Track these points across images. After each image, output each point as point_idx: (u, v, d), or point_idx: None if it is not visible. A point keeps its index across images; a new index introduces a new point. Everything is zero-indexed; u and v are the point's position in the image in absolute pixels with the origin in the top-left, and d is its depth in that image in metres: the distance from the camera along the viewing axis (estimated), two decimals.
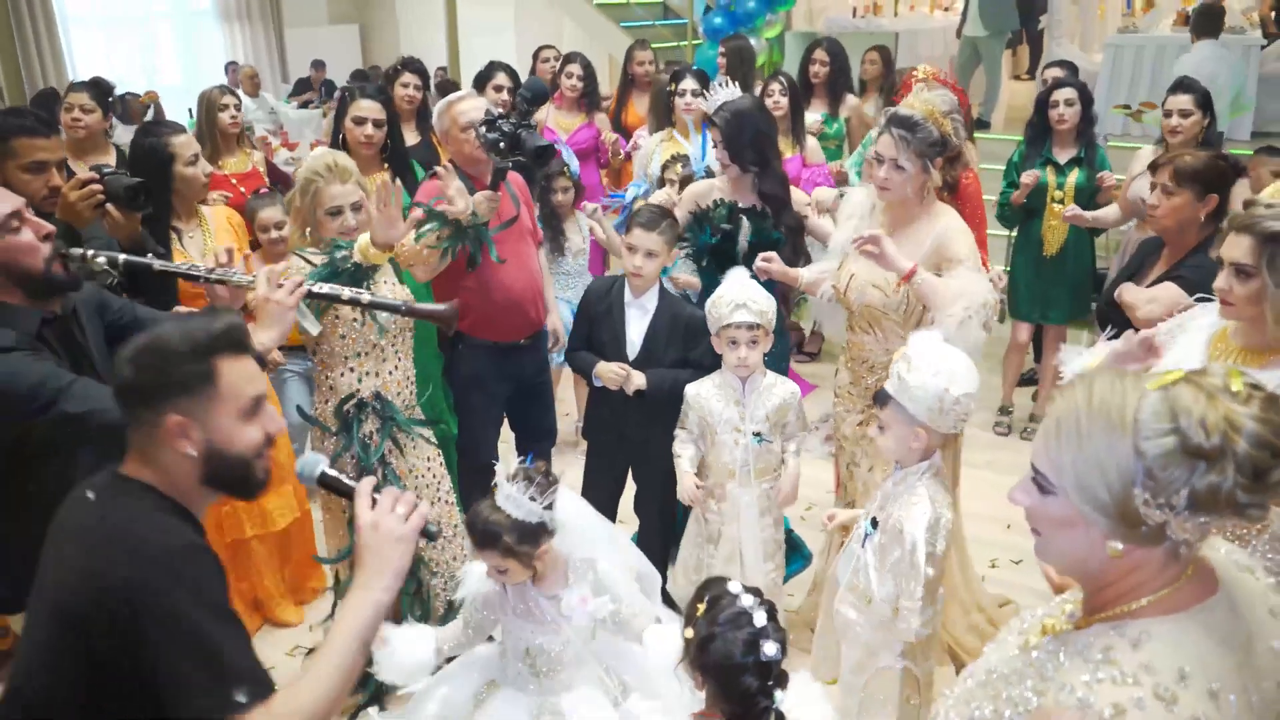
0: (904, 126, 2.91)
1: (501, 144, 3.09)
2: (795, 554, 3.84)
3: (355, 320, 2.91)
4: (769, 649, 1.86)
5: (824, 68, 5.76)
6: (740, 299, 3.02)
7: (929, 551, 2.44)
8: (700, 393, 3.18)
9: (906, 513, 2.49)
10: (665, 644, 2.19)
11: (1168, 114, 4.25)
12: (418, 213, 3.01)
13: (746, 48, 6.12)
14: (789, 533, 3.84)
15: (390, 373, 3.03)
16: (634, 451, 3.47)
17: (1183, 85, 4.29)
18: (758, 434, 3.11)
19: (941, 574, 2.55)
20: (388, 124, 3.88)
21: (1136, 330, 2.56)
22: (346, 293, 2.60)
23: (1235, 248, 2.20)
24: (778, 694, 1.87)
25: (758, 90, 5.74)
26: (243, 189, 4.56)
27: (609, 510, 3.51)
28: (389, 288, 3.08)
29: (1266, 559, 2.17)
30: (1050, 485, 1.23)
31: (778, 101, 5.08)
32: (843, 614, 2.67)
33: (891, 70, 6.54)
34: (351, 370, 2.97)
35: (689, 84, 4.92)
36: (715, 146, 3.59)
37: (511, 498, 2.31)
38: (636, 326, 3.34)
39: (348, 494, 1.76)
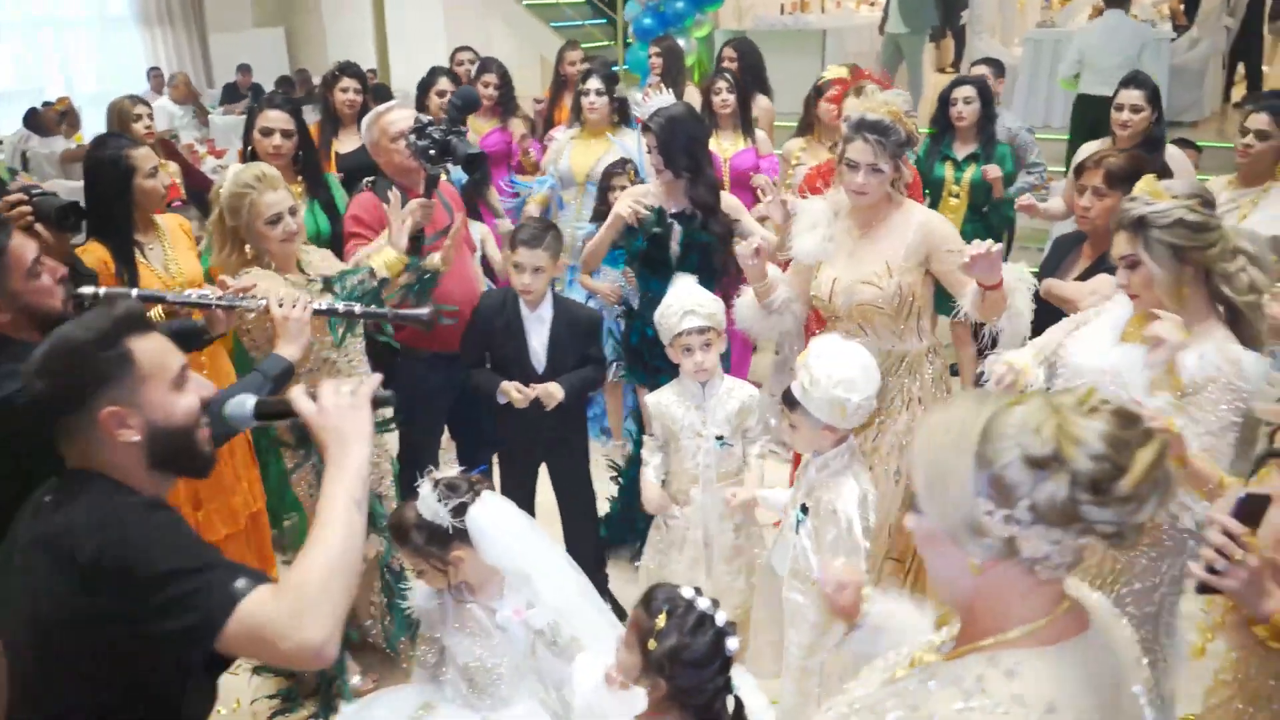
0: (877, 131, 2.93)
1: (431, 151, 3.11)
2: None
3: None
4: (732, 644, 1.95)
5: (732, 64, 5.76)
6: (687, 305, 3.06)
7: (864, 526, 2.60)
8: (661, 400, 3.21)
9: (836, 494, 2.62)
10: (592, 673, 2.23)
11: (1119, 108, 4.23)
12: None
13: (677, 47, 6.16)
14: None
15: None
16: (549, 450, 3.50)
17: (1135, 80, 4.29)
18: (720, 437, 3.14)
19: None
20: (298, 134, 3.88)
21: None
22: (341, 306, 2.75)
23: (1118, 244, 2.36)
24: (734, 682, 1.96)
25: (695, 88, 5.82)
26: None
27: (525, 511, 3.56)
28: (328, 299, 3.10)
29: (1128, 609, 2.32)
30: (918, 503, 1.25)
31: (725, 99, 5.09)
32: (791, 600, 2.74)
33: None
34: (305, 383, 2.98)
35: (593, 84, 4.92)
36: (649, 152, 3.64)
37: (425, 499, 2.37)
38: (539, 337, 3.38)
39: (286, 410, 1.74)
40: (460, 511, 2.38)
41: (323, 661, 1.46)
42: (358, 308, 2.75)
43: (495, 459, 3.84)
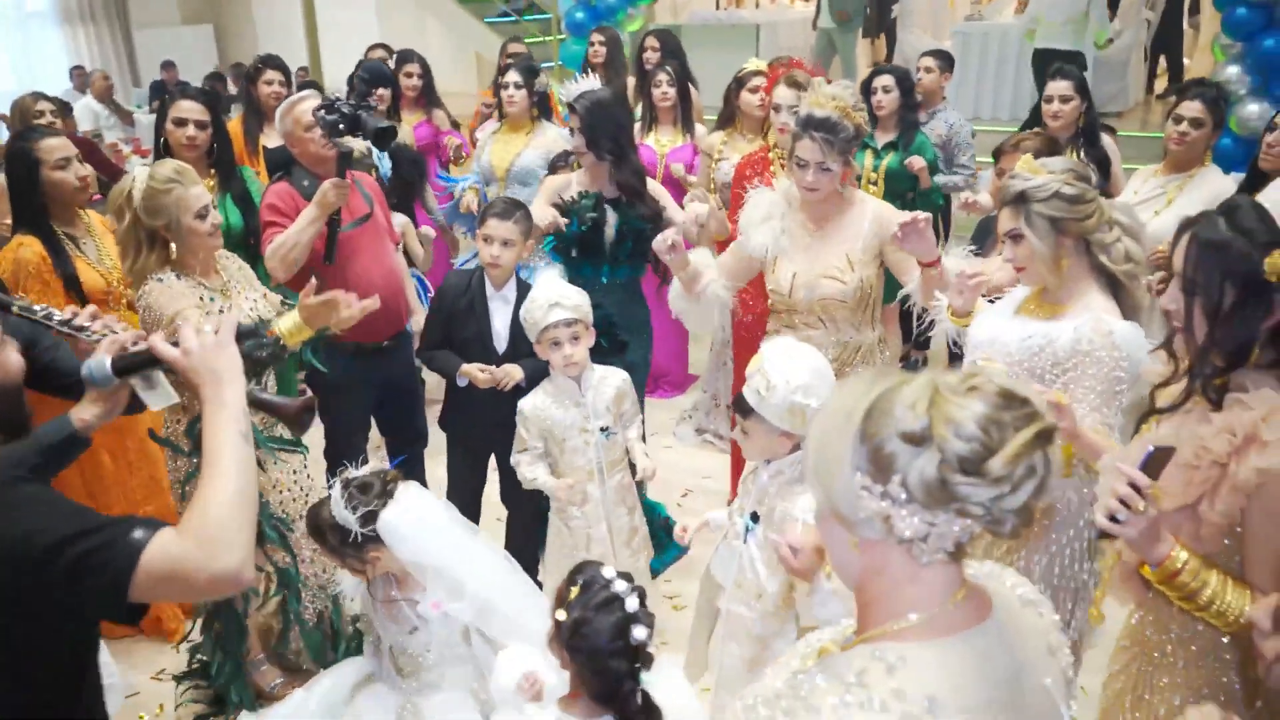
0: (826, 129, 2.91)
1: (341, 125, 3.07)
2: (672, 541, 3.89)
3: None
4: (639, 633, 1.89)
5: (655, 54, 5.76)
6: (552, 298, 2.99)
7: None
8: (536, 404, 3.12)
9: (793, 503, 2.50)
10: (515, 666, 2.20)
11: (1048, 100, 4.31)
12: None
13: (619, 38, 6.13)
14: (666, 519, 3.89)
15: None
16: (501, 438, 3.42)
17: (1062, 72, 4.36)
18: (604, 428, 3.10)
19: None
20: (212, 126, 3.81)
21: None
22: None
23: (1003, 220, 2.44)
24: (643, 675, 1.91)
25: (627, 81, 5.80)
26: None
27: (475, 501, 3.53)
28: (251, 301, 3.01)
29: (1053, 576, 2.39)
30: (810, 481, 1.24)
31: (665, 92, 5.10)
32: (735, 613, 2.65)
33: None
34: None
35: (511, 77, 4.92)
36: (573, 133, 3.63)
37: (337, 501, 2.33)
38: (501, 318, 3.35)
39: (147, 360, 1.71)
40: (369, 519, 2.33)
41: (241, 585, 1.48)
42: None
43: (442, 450, 3.78)
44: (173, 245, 2.85)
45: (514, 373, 3.26)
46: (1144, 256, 2.43)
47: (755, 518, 2.60)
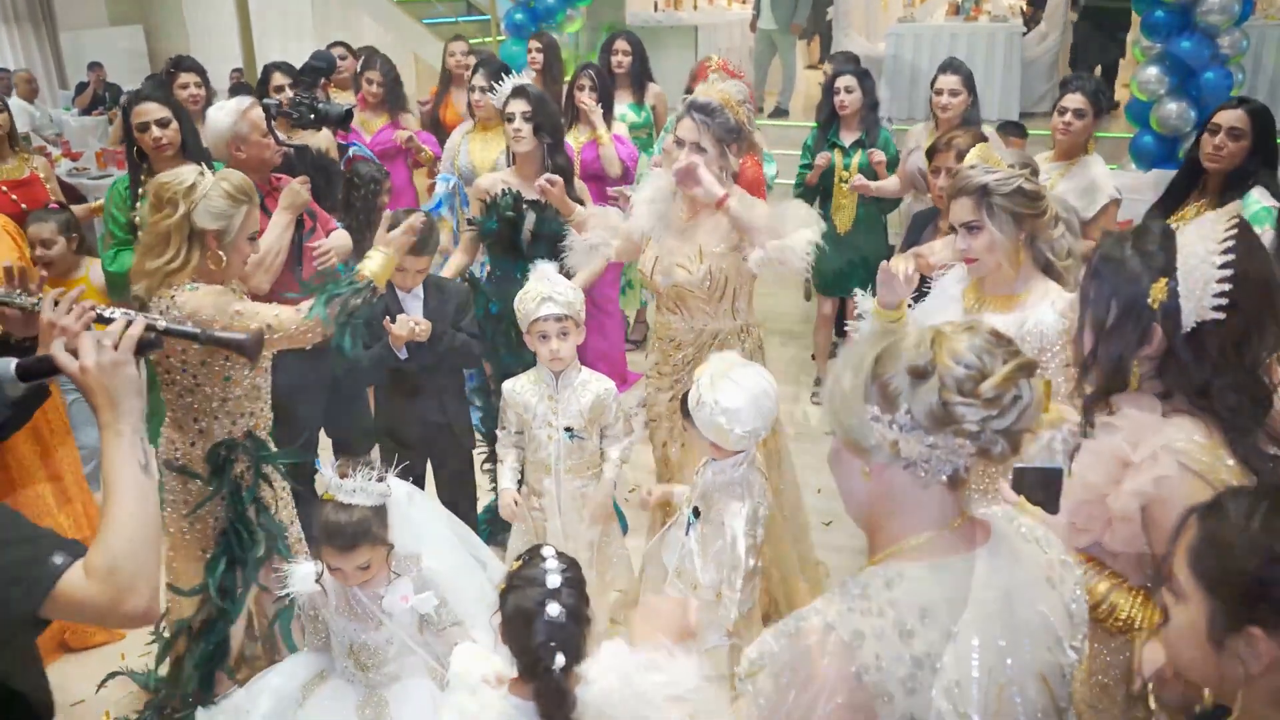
0: (703, 111, 3.04)
1: (313, 116, 3.18)
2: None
3: (244, 363, 2.65)
4: (552, 609, 1.92)
5: (626, 57, 5.84)
6: (546, 292, 3.05)
7: (749, 544, 2.58)
8: (515, 388, 3.20)
9: (726, 506, 2.62)
10: (476, 659, 2.24)
11: (938, 92, 4.54)
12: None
13: (555, 43, 6.18)
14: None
15: (261, 409, 2.88)
16: (434, 440, 3.50)
17: (951, 66, 4.58)
18: (569, 429, 3.13)
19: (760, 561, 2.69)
20: (177, 119, 3.66)
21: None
22: (139, 317, 2.06)
23: (959, 210, 2.48)
24: (559, 658, 1.91)
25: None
26: (14, 196, 4.27)
27: None
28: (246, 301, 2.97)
29: None
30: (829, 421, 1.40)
31: (586, 98, 5.13)
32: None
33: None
34: (229, 414, 2.76)
35: (478, 80, 4.93)
36: (511, 118, 3.72)
37: (359, 489, 2.34)
38: (415, 312, 3.46)
39: (51, 367, 1.67)
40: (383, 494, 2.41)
41: (149, 621, 1.55)
42: (161, 323, 2.08)
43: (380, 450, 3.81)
44: (221, 255, 2.61)
45: (422, 323, 3.33)
46: (1081, 251, 2.50)
47: (697, 513, 2.71)
